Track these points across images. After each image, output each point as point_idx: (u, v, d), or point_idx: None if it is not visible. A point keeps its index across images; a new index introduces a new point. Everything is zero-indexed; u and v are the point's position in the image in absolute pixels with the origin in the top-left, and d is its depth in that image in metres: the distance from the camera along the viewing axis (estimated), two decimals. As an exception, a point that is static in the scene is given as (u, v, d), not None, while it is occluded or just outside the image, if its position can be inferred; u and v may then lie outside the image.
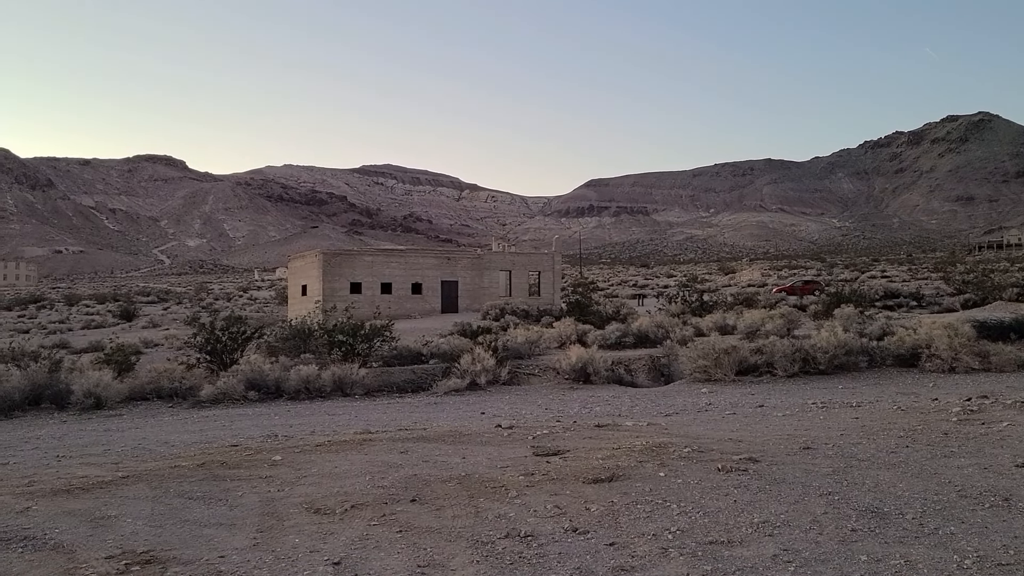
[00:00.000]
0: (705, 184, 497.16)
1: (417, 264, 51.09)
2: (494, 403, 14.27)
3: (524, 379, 17.33)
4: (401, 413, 13.33)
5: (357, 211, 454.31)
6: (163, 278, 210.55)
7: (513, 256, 58.40)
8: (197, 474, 8.33)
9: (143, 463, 9.25)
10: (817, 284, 58.93)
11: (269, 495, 7.29)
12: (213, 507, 6.94)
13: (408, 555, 5.46)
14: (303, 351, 21.12)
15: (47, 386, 15.73)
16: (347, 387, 16.01)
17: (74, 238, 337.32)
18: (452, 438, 10.10)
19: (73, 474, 8.66)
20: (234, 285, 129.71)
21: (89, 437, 11.89)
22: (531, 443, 9.46)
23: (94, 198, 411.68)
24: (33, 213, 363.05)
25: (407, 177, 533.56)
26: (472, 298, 50.92)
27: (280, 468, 8.51)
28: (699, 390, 15.38)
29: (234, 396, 15.46)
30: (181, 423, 13.22)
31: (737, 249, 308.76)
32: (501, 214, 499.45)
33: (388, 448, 9.47)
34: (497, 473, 7.83)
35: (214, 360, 19.28)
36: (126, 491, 7.66)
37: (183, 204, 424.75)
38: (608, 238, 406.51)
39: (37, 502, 7.30)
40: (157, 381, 16.54)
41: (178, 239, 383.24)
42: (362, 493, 7.22)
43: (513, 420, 11.73)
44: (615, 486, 7.07)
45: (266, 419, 13.15)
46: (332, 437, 10.68)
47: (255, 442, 10.58)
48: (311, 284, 49.48)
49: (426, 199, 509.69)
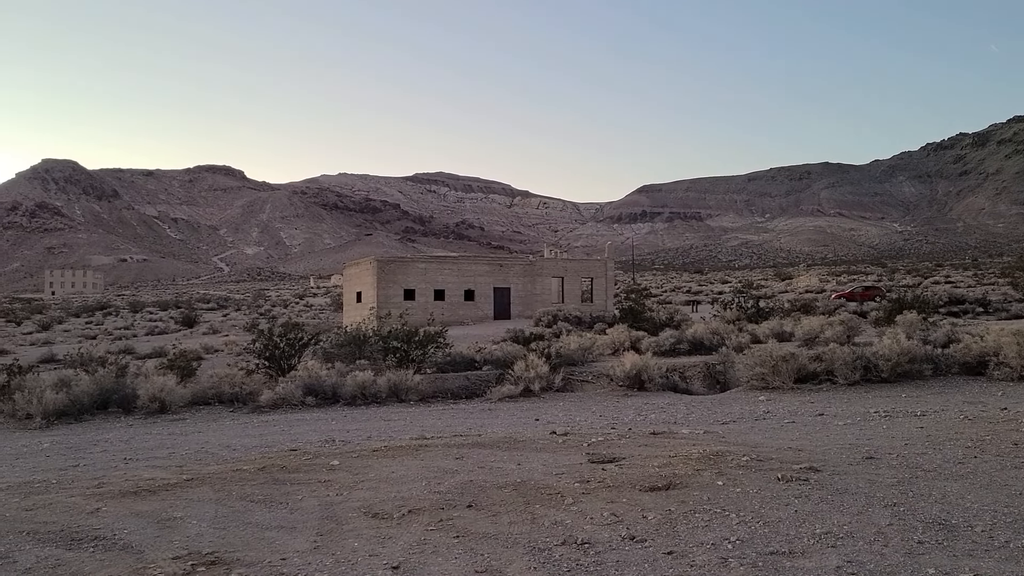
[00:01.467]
0: (760, 189, 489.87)
1: (469, 271, 51.35)
2: (548, 410, 14.26)
3: (578, 386, 17.28)
4: (455, 419, 13.40)
5: (410, 219, 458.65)
6: (222, 285, 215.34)
7: (565, 262, 58.31)
8: (258, 478, 8.49)
9: (206, 466, 9.46)
10: (878, 290, 57.58)
11: (328, 499, 7.40)
12: (274, 510, 7.07)
13: (465, 560, 5.48)
14: (358, 357, 21.38)
15: (114, 390, 16.20)
16: (402, 393, 16.15)
17: (138, 247, 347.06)
18: (507, 444, 10.12)
19: (140, 476, 8.90)
20: (290, 292, 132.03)
21: (155, 441, 12.22)
22: (586, 450, 9.43)
23: (157, 208, 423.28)
24: (100, 223, 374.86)
25: (459, 184, 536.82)
26: (524, 305, 50.97)
27: (338, 473, 8.62)
28: (756, 398, 15.14)
29: (292, 401, 15.72)
30: (242, 427, 13.49)
31: (794, 255, 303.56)
32: (553, 220, 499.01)
33: (444, 454, 9.54)
34: (552, 480, 7.82)
35: (272, 366, 19.65)
36: (191, 494, 7.85)
37: (241, 213, 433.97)
38: (661, 244, 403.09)
39: (107, 503, 7.52)
40: (218, 386, 16.90)
41: (236, 247, 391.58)
42: (419, 498, 7.28)
43: (568, 427, 11.70)
44: (672, 494, 7.00)
45: (324, 424, 13.35)
46: (388, 442, 10.79)
47: (313, 447, 10.75)
48: (366, 291, 50.09)
49: (478, 206, 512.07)
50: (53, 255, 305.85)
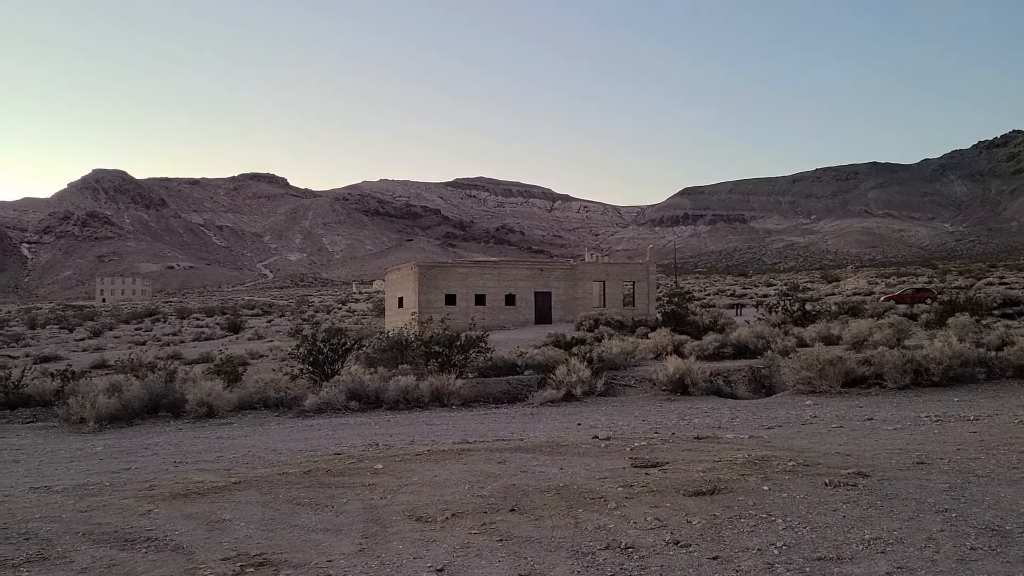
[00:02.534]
0: (806, 190, 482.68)
1: (510, 275, 51.44)
2: (590, 414, 14.22)
3: (620, 390, 17.21)
4: (498, 423, 13.43)
5: (451, 224, 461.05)
6: (266, 291, 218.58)
7: (607, 266, 58.11)
8: (304, 481, 8.61)
9: (253, 469, 9.61)
10: (929, 292, 56.37)
11: (372, 502, 7.47)
12: (320, 513, 7.16)
13: (509, 564, 5.50)
14: (400, 362, 21.55)
15: (163, 395, 16.55)
16: (444, 397, 16.24)
17: (185, 254, 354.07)
18: (549, 449, 10.12)
19: (190, 479, 9.08)
20: (333, 298, 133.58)
21: (203, 444, 12.45)
22: (629, 455, 9.38)
23: (203, 216, 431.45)
24: (148, 231, 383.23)
25: (499, 189, 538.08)
26: (565, 309, 50.89)
27: (382, 476, 8.70)
28: (803, 402, 14.93)
29: (336, 406, 15.90)
30: (287, 431, 13.68)
31: (841, 256, 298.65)
32: (593, 224, 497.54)
33: (486, 458, 9.56)
34: (595, 484, 7.80)
35: (316, 371, 19.89)
36: (238, 496, 7.98)
37: (285, 220, 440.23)
38: (704, 247, 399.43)
39: (158, 505, 7.69)
40: (264, 391, 17.16)
41: (280, 254, 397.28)
42: (462, 502, 7.31)
43: (610, 431, 11.66)
44: (717, 499, 6.94)
45: (367, 428, 13.47)
46: (431, 446, 10.86)
47: (357, 451, 10.86)
48: (407, 296, 50.46)
49: (518, 211, 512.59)
50: (103, 263, 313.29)
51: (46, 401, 18.03)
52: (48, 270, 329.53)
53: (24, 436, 14.72)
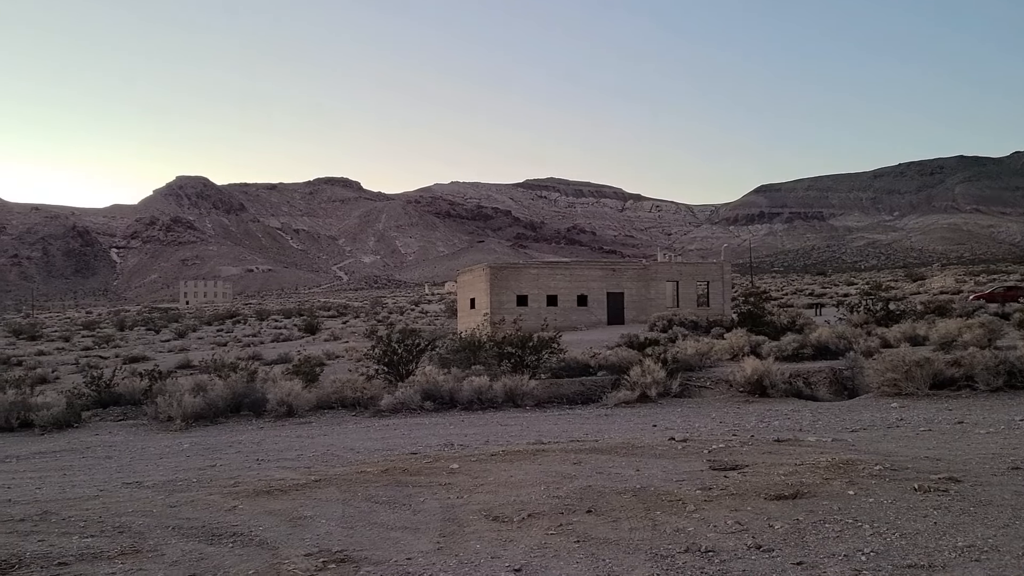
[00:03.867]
0: (888, 185, 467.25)
1: (582, 276, 51.25)
2: (666, 416, 14.05)
3: (696, 391, 16.94)
4: (572, 424, 13.39)
5: (521, 225, 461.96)
6: (341, 293, 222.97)
7: (680, 266, 57.37)
8: (381, 480, 8.73)
9: (332, 468, 9.80)
10: (1021, 290, 53.88)
11: (449, 502, 7.53)
12: (398, 511, 7.25)
13: (587, 565, 5.46)
14: (473, 363, 21.68)
15: (245, 395, 17.02)
16: (518, 398, 16.26)
17: (263, 257, 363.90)
18: (625, 450, 10.03)
19: (272, 476, 9.32)
20: (406, 299, 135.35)
21: (283, 443, 12.75)
22: (707, 457, 9.23)
23: (280, 220, 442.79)
24: (228, 235, 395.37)
25: (570, 189, 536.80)
26: (638, 310, 50.43)
27: (458, 476, 8.76)
28: (888, 405, 14.44)
29: (411, 406, 16.08)
30: (364, 431, 13.91)
31: (926, 254, 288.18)
32: (666, 224, 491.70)
33: (561, 459, 9.54)
34: (673, 486, 7.70)
35: (391, 371, 20.16)
36: (319, 494, 8.15)
37: (359, 223, 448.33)
38: (780, 245, 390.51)
39: (242, 501, 7.91)
40: (341, 391, 17.48)
41: (354, 256, 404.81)
42: (538, 502, 7.30)
43: (686, 433, 11.49)
44: (800, 503, 6.77)
45: (442, 428, 13.59)
46: (506, 447, 10.88)
47: (433, 450, 10.97)
48: (479, 297, 50.77)
49: (589, 211, 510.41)
50: (187, 267, 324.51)
51: (135, 400, 18.76)
52: (135, 274, 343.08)
53: (116, 433, 15.34)
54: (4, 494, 9.13)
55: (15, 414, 16.22)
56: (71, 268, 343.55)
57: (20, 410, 16.35)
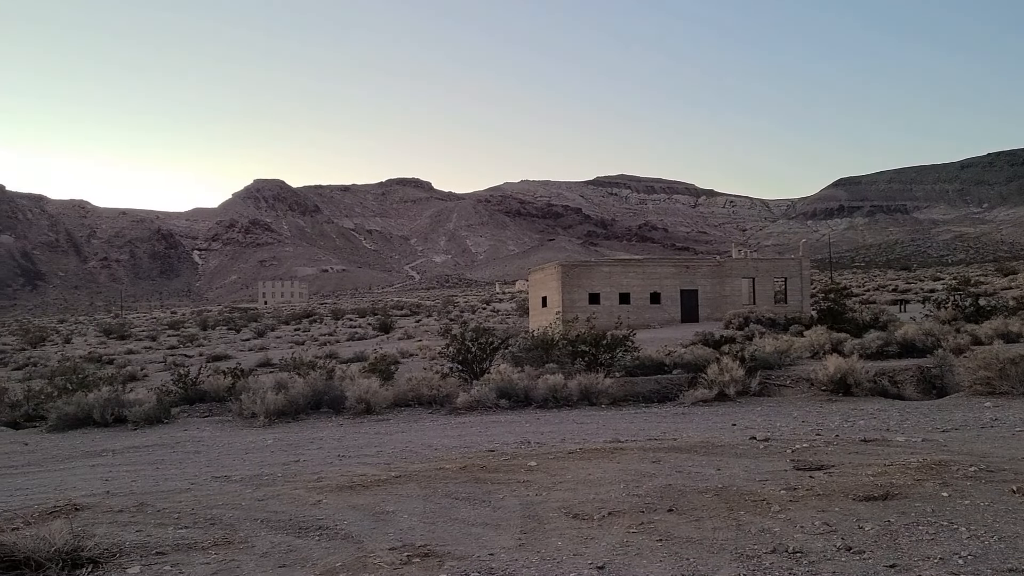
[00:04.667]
0: (976, 176, 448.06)
1: (655, 273, 50.73)
2: (745, 414, 13.79)
3: (775, 390, 16.58)
4: (648, 423, 13.26)
5: (592, 222, 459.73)
6: (413, 292, 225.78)
7: (756, 262, 56.24)
8: (460, 476, 8.81)
9: (411, 464, 9.93)
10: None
11: (528, 499, 7.55)
12: (478, 508, 7.30)
13: (670, 564, 5.41)
14: (546, 361, 21.68)
15: (325, 392, 17.39)
16: (593, 396, 16.20)
17: (337, 258, 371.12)
18: (704, 449, 9.90)
19: (353, 472, 9.50)
20: (477, 298, 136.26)
21: (363, 439, 12.98)
22: (790, 456, 9.04)
23: (353, 220, 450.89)
24: (303, 236, 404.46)
25: (641, 186, 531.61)
26: (713, 307, 49.66)
27: (536, 473, 8.78)
28: (980, 404, 13.87)
29: (486, 404, 16.18)
30: (440, 428, 14.06)
31: (1017, 247, 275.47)
32: (740, 219, 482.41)
33: (639, 457, 9.47)
34: (756, 486, 7.56)
35: (465, 369, 20.33)
36: (399, 490, 8.27)
37: (430, 223, 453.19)
38: (861, 240, 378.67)
39: (326, 496, 8.08)
40: (417, 389, 17.71)
41: (426, 256, 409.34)
42: (618, 501, 7.27)
43: (768, 432, 11.26)
44: (890, 505, 6.57)
45: (517, 426, 13.63)
46: (583, 445, 10.86)
47: (510, 448, 11.01)
48: (551, 296, 50.74)
49: (661, 207, 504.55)
50: (264, 267, 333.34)
51: (220, 397, 19.36)
52: (216, 275, 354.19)
53: (203, 429, 15.87)
54: (103, 486, 9.55)
55: (110, 410, 16.94)
56: (156, 270, 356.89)
57: (114, 406, 17.06)
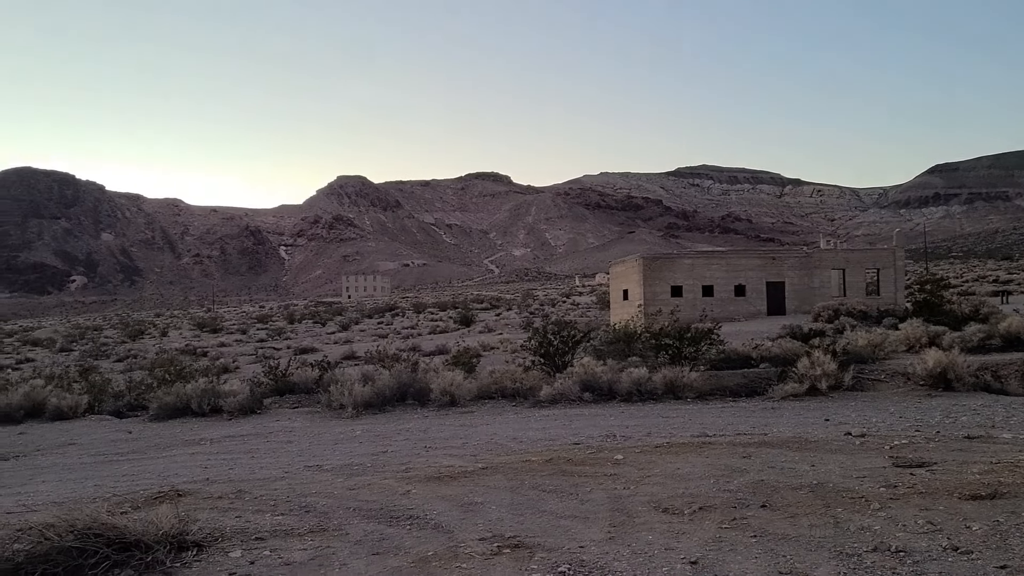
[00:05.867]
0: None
1: (739, 265, 49.70)
2: (838, 409, 13.36)
3: (869, 385, 16.00)
4: (736, 417, 13.00)
5: (673, 214, 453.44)
6: (493, 286, 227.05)
7: (846, 253, 54.46)
8: (546, 469, 8.81)
9: (497, 456, 9.99)
10: None
11: (615, 492, 7.50)
12: (565, 500, 7.29)
13: (766, 561, 5.29)
14: (628, 354, 21.49)
15: (410, 384, 17.65)
16: (678, 390, 15.96)
17: (418, 252, 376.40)
18: (796, 444, 9.65)
19: (440, 463, 9.61)
20: (557, 291, 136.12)
21: (448, 431, 13.13)
22: (888, 453, 8.73)
23: (433, 215, 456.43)
24: (385, 231, 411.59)
25: (723, 176, 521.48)
26: (800, 299, 48.35)
27: (623, 467, 8.71)
28: (1092, 400, 13.10)
29: (570, 397, 16.13)
30: (524, 421, 14.08)
31: None
32: (828, 209, 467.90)
33: (729, 452, 9.29)
34: (853, 483, 7.32)
35: (547, 363, 20.32)
36: (486, 481, 8.32)
37: (509, 216, 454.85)
38: (958, 229, 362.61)
39: (415, 486, 8.20)
40: (500, 381, 17.78)
41: (505, 249, 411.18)
42: (708, 495, 7.15)
43: (863, 428, 10.89)
44: (999, 504, 6.27)
45: (602, 419, 13.55)
46: (670, 439, 10.72)
47: (595, 441, 10.95)
48: (632, 288, 50.31)
49: (744, 198, 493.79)
50: (348, 262, 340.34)
51: (308, 388, 19.89)
52: (302, 270, 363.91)
53: (294, 419, 16.32)
54: (202, 473, 9.93)
55: (206, 401, 17.61)
56: (245, 265, 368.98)
57: (210, 397, 17.73)
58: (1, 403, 18.94)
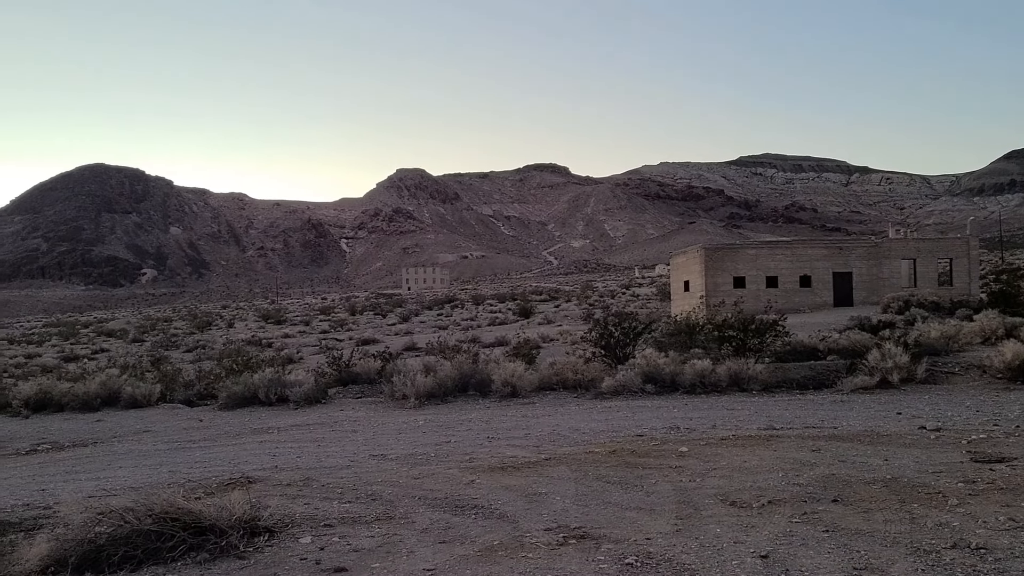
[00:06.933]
0: None
1: (805, 256, 48.62)
2: (911, 403, 12.97)
3: (943, 378, 15.49)
4: (804, 410, 12.73)
5: (735, 204, 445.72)
6: (552, 278, 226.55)
7: (917, 243, 52.85)
8: (610, 460, 8.77)
9: (560, 447, 9.97)
10: None
11: (681, 485, 7.42)
12: (630, 492, 7.24)
13: (840, 556, 5.17)
14: (691, 346, 21.22)
15: (471, 375, 17.73)
16: (742, 382, 15.69)
17: (476, 244, 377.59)
18: (868, 438, 9.41)
19: (504, 454, 9.64)
20: (616, 282, 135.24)
21: (510, 422, 13.15)
22: (965, 448, 8.45)
23: (491, 207, 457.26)
24: (444, 224, 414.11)
25: (787, 165, 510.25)
26: (869, 290, 47.10)
27: (688, 459, 8.61)
28: None
29: (632, 388, 15.99)
30: (586, 412, 14.03)
31: None
32: (898, 197, 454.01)
33: (797, 445, 9.11)
34: (929, 478, 7.11)
35: (608, 354, 20.18)
36: (550, 472, 8.32)
37: (567, 208, 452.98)
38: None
39: (479, 476, 8.24)
40: (561, 373, 17.74)
41: (564, 241, 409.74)
42: (777, 489, 7.02)
43: (938, 422, 10.56)
44: (1086, 502, 6.01)
45: (665, 411, 13.42)
46: (735, 432, 10.56)
47: (659, 433, 10.85)
48: (693, 280, 49.68)
49: (809, 186, 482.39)
50: (407, 255, 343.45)
51: (371, 379, 20.14)
52: (362, 262, 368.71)
53: (358, 409, 16.57)
54: (271, 461, 10.14)
55: (273, 390, 17.99)
56: (308, 258, 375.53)
57: (277, 387, 18.10)
58: (80, 392, 19.66)
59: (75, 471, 10.53)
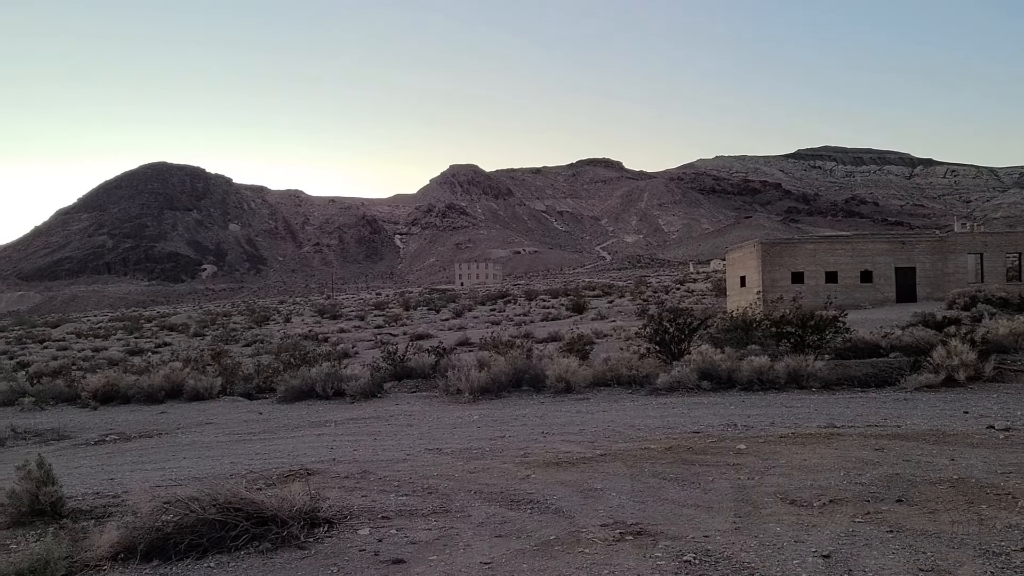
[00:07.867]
0: None
1: (866, 250, 47.50)
2: (978, 402, 12.59)
3: (1011, 376, 14.99)
4: (866, 408, 12.45)
5: (792, 198, 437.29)
6: (605, 273, 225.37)
7: (984, 236, 51.19)
8: (666, 457, 8.69)
9: (615, 443, 9.92)
10: None
11: (739, 482, 7.32)
12: (687, 489, 7.17)
13: (905, 557, 5.05)
14: (747, 342, 20.92)
15: (525, 371, 17.76)
16: (802, 379, 15.41)
17: (529, 239, 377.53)
18: (933, 438, 9.16)
19: (558, 449, 9.63)
20: (670, 278, 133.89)
21: (565, 417, 13.13)
22: (1037, 448, 8.16)
23: (544, 203, 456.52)
24: (496, 219, 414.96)
25: (847, 158, 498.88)
26: (933, 286, 45.83)
27: (746, 457, 8.50)
28: None
29: (688, 385, 15.84)
30: (641, 408, 13.93)
31: None
32: (963, 190, 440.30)
33: (859, 444, 8.91)
34: (998, 479, 6.90)
35: (663, 350, 20.02)
36: (605, 468, 8.28)
37: (620, 203, 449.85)
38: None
39: (534, 471, 8.25)
40: (615, 368, 17.65)
41: (617, 236, 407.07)
42: (838, 488, 6.88)
43: (1007, 421, 10.23)
44: None
45: (721, 408, 13.25)
46: (794, 429, 10.38)
47: (715, 430, 10.72)
48: (750, 275, 48.94)
49: (870, 180, 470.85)
50: (460, 250, 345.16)
51: (425, 374, 20.34)
52: (416, 258, 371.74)
53: (413, 403, 16.73)
54: (329, 454, 10.31)
55: (330, 384, 18.29)
56: (362, 254, 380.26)
57: (333, 381, 18.40)
58: (145, 384, 20.25)
59: (141, 461, 10.86)
